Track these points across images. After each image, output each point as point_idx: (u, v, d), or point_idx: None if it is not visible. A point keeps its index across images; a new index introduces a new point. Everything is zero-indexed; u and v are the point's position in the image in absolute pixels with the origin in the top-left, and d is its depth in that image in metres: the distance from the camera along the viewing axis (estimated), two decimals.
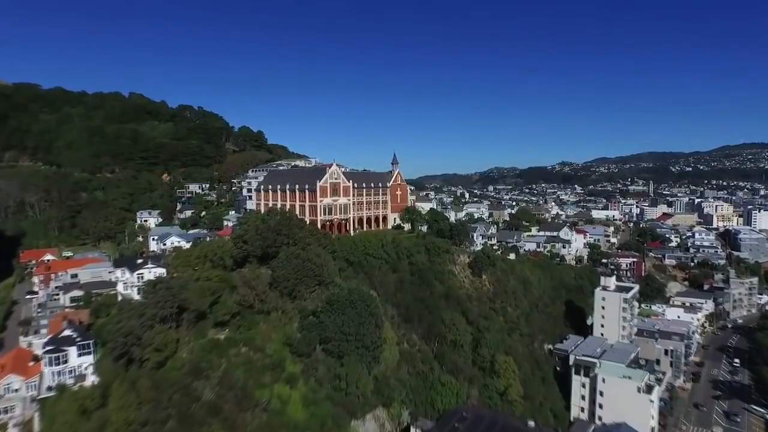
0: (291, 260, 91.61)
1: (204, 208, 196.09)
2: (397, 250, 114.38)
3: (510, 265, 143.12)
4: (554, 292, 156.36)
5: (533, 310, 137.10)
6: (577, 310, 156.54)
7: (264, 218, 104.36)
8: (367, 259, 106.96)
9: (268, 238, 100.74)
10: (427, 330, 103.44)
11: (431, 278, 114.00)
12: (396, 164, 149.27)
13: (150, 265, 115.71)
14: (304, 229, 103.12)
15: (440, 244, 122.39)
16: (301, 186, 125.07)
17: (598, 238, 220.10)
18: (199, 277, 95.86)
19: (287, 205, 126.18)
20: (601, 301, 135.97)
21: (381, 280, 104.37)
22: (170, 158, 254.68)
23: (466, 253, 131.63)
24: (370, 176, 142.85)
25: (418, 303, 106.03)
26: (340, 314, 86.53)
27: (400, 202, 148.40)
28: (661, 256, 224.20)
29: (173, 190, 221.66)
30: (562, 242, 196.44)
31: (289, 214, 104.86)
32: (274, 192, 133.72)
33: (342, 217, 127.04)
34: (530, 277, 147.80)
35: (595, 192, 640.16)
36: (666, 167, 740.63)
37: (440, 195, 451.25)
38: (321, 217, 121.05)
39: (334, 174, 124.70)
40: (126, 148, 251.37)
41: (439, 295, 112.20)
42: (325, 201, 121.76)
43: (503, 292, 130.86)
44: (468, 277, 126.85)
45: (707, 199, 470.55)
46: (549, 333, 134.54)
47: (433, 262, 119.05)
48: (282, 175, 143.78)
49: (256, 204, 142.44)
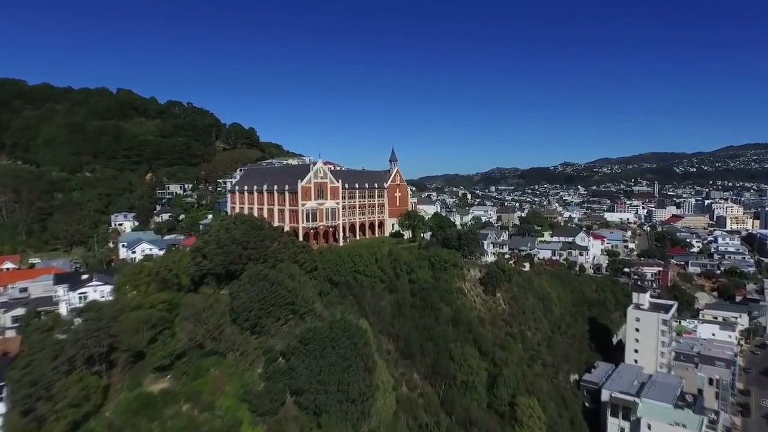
0: (255, 283, 68.81)
1: (184, 211, 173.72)
2: (394, 266, 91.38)
3: (527, 279, 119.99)
4: (575, 308, 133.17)
5: (555, 333, 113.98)
6: (602, 329, 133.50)
7: (228, 227, 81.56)
8: (356, 278, 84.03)
9: (232, 252, 78.07)
10: (432, 367, 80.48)
11: (436, 299, 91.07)
12: (395, 161, 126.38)
13: (95, 282, 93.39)
14: (278, 241, 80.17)
15: (447, 257, 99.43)
16: (280, 187, 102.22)
17: (616, 243, 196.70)
18: (142, 303, 73.21)
19: (264, 210, 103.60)
20: (635, 323, 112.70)
21: (374, 304, 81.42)
22: (155, 157, 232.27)
23: (476, 266, 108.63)
24: (363, 176, 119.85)
25: (420, 332, 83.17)
26: (318, 357, 63.93)
27: (400, 206, 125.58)
28: (684, 263, 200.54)
29: (154, 191, 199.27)
30: (579, 249, 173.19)
31: (260, 221, 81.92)
32: (249, 194, 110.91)
33: (329, 224, 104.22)
34: (550, 292, 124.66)
35: (599, 193, 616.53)
36: (669, 168, 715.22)
37: (442, 196, 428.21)
38: (303, 224, 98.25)
39: (320, 173, 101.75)
40: (108, 145, 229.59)
41: (446, 321, 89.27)
42: (308, 205, 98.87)
43: (521, 313, 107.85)
44: (480, 296, 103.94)
45: (717, 201, 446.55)
46: (574, 360, 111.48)
47: (438, 278, 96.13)
48: (260, 174, 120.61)
49: (230, 207, 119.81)
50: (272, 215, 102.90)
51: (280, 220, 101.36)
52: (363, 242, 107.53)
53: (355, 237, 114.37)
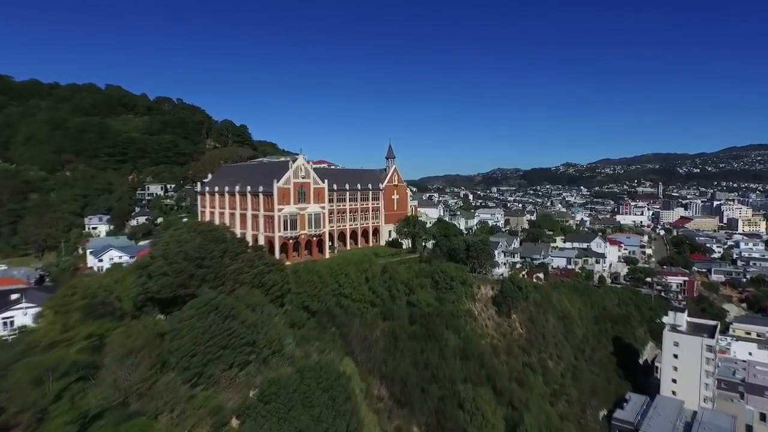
0: (203, 317, 50.70)
1: (163, 214, 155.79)
2: (389, 285, 73.12)
3: (545, 296, 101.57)
4: (598, 326, 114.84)
5: (579, 359, 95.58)
6: (627, 349, 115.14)
7: (180, 239, 63.51)
8: (341, 303, 65.80)
9: (182, 271, 60.07)
10: (436, 417, 62.19)
11: (441, 327, 72.82)
12: (392, 158, 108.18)
13: (24, 303, 75.42)
14: (242, 258, 62.02)
15: (454, 272, 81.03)
16: (253, 188, 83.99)
17: (634, 249, 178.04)
18: (58, 339, 55.18)
19: (236, 215, 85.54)
20: (673, 347, 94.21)
21: (363, 337, 63.13)
22: (140, 155, 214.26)
23: (488, 282, 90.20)
24: (355, 175, 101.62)
25: (421, 372, 64.94)
26: (283, 420, 45.90)
27: (398, 209, 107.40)
28: (706, 270, 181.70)
29: (135, 192, 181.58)
30: (596, 256, 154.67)
31: (220, 232, 63.75)
32: (221, 196, 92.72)
33: (313, 233, 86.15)
34: (570, 310, 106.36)
35: (602, 194, 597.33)
36: (673, 168, 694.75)
37: (444, 196, 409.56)
38: (280, 232, 79.99)
39: (301, 171, 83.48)
40: (90, 143, 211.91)
41: (453, 353, 71.01)
42: (286, 210, 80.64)
43: (540, 337, 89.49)
44: (492, 318, 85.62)
45: (727, 202, 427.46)
46: (602, 391, 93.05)
47: (443, 300, 77.80)
48: (234, 172, 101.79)
49: (200, 212, 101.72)
50: (245, 222, 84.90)
51: (254, 227, 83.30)
52: (354, 254, 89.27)
53: (345, 247, 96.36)
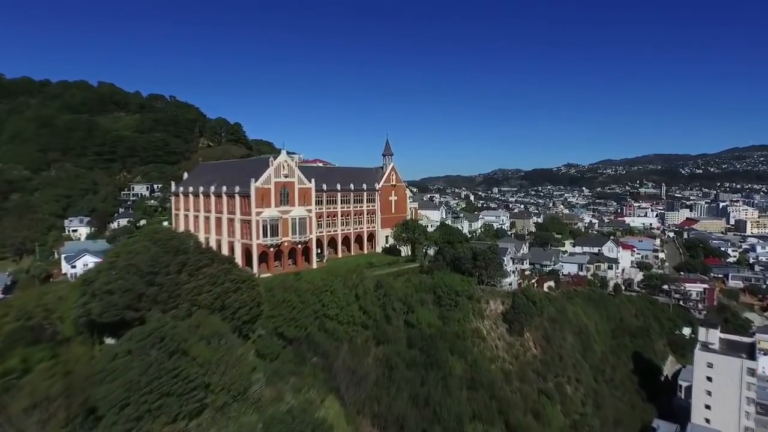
0: (143, 353, 38.94)
1: (146, 216, 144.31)
2: (384, 303, 61.32)
3: (560, 309, 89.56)
4: (616, 341, 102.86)
5: (600, 382, 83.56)
6: (647, 365, 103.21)
7: (132, 250, 51.86)
8: (325, 326, 53.99)
9: (130, 289, 48.40)
10: None
11: (444, 351, 60.99)
12: (389, 155, 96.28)
13: None
14: (204, 272, 50.26)
15: (459, 286, 69.14)
16: (229, 188, 72.32)
17: (647, 253, 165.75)
18: None
19: (212, 219, 73.87)
20: (706, 370, 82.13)
21: (351, 368, 51.21)
22: (129, 154, 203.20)
23: (497, 295, 78.19)
24: (348, 174, 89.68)
25: (421, 409, 53.06)
26: None
27: (396, 212, 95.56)
28: (723, 276, 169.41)
29: (120, 192, 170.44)
30: (608, 262, 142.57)
31: (180, 240, 52.02)
32: (195, 197, 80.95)
33: (297, 239, 74.39)
34: (587, 324, 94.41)
35: (604, 194, 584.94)
36: (675, 169, 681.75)
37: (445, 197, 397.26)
38: (259, 239, 68.26)
39: (284, 169, 71.71)
40: (78, 141, 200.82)
41: (459, 383, 59.15)
42: (265, 213, 68.89)
43: (556, 359, 77.49)
44: (503, 337, 73.71)
45: (732, 203, 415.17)
46: (626, 419, 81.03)
47: (447, 318, 65.94)
48: (212, 171, 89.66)
49: (174, 216, 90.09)
50: (220, 227, 73.25)
51: (229, 234, 71.65)
52: (346, 262, 77.48)
53: (336, 254, 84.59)
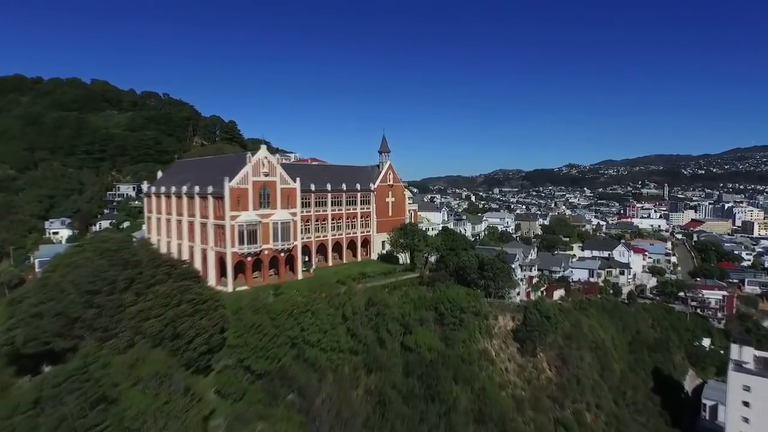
0: (56, 404, 29.31)
1: (130, 217, 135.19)
2: (376, 323, 51.67)
3: (575, 322, 79.70)
4: (633, 356, 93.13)
5: (621, 405, 73.77)
6: (668, 382, 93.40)
7: (71, 261, 42.40)
8: (305, 355, 44.39)
9: (61, 313, 38.92)
10: None
11: (448, 380, 51.21)
12: (386, 153, 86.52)
13: None
14: (155, 291, 40.70)
15: (464, 301, 59.34)
16: (202, 189, 62.86)
17: (659, 257, 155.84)
18: None
19: (183, 223, 64.31)
20: (743, 393, 72.43)
21: (334, 407, 41.48)
22: (120, 153, 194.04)
23: (507, 309, 68.47)
24: (340, 173, 79.88)
25: None
26: None
27: (393, 215, 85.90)
28: (738, 281, 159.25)
29: (106, 193, 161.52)
30: (619, 267, 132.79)
31: (132, 250, 42.43)
32: (167, 198, 71.35)
33: (280, 247, 64.50)
34: (604, 338, 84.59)
35: (606, 195, 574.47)
36: (677, 170, 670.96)
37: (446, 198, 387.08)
38: (234, 247, 58.60)
39: (263, 166, 61.98)
40: (67, 139, 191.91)
41: (464, 417, 49.46)
42: (242, 217, 59.24)
43: (574, 381, 67.71)
44: (514, 359, 63.99)
45: (736, 204, 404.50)
46: None
47: (450, 340, 56.22)
48: (187, 169, 79.88)
49: (146, 218, 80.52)
50: (193, 233, 63.68)
51: (202, 240, 62.12)
52: (337, 272, 67.82)
53: (326, 262, 75.01)
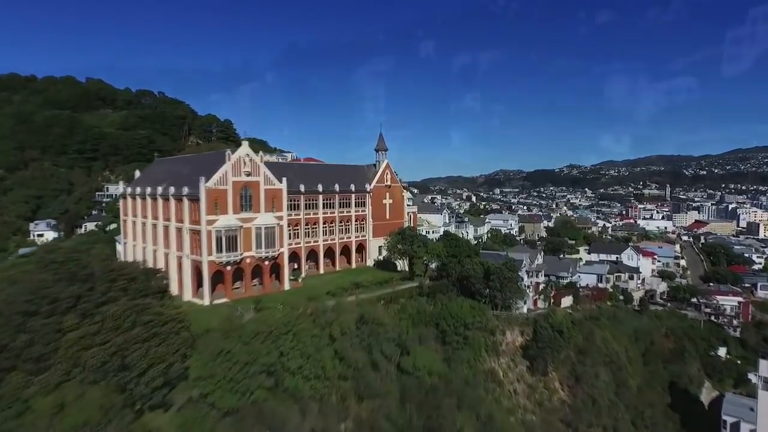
0: None
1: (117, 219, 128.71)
2: (368, 343, 45.16)
3: (586, 334, 73.03)
4: (648, 368, 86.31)
5: (639, 426, 67.11)
6: (685, 397, 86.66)
7: (8, 275, 35.74)
8: (283, 384, 37.91)
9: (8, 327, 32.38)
10: None
11: (451, 409, 44.57)
12: (383, 151, 79.97)
13: None
14: (104, 312, 34.01)
15: (469, 316, 52.74)
16: (177, 190, 56.44)
17: (668, 261, 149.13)
18: None
19: (159, 228, 57.85)
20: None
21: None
22: (112, 152, 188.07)
23: (515, 322, 61.84)
24: (333, 172, 73.27)
25: None
26: None
27: (391, 218, 79.37)
28: (751, 285, 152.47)
29: (95, 193, 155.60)
30: (628, 271, 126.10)
31: (82, 261, 35.89)
32: (143, 200, 64.88)
33: (263, 254, 57.59)
34: (618, 351, 77.92)
35: (607, 196, 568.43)
36: (678, 170, 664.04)
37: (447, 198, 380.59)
38: (211, 255, 52.00)
39: (245, 165, 55.04)
40: (58, 138, 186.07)
41: None
42: (220, 222, 52.60)
43: (589, 403, 61.09)
44: (523, 379, 57.41)
45: (740, 205, 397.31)
46: None
47: (453, 360, 49.64)
48: (165, 167, 72.47)
49: (122, 222, 74.15)
50: (168, 239, 57.18)
51: (178, 247, 55.68)
52: (329, 281, 61.29)
53: (317, 270, 68.52)
